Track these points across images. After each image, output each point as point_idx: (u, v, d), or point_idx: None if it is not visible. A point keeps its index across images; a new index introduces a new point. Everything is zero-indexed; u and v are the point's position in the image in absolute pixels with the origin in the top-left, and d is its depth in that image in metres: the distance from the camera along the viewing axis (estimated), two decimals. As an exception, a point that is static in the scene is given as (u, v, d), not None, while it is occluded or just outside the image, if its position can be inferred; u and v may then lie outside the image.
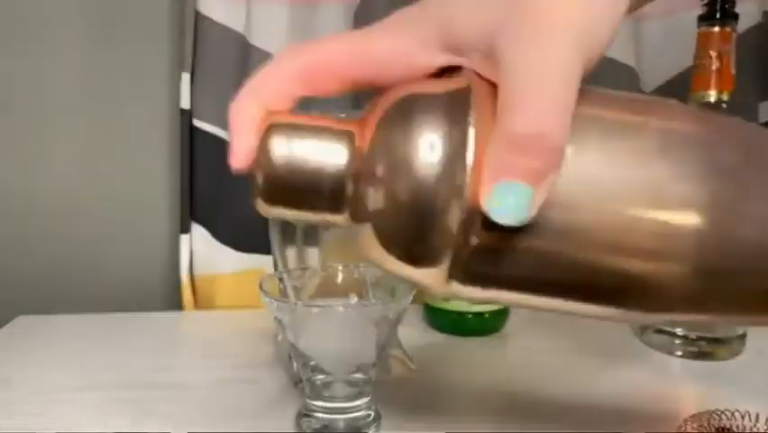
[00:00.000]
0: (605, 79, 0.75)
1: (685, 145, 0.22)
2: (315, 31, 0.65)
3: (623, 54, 0.65)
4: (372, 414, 0.39)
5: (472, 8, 0.22)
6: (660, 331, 0.53)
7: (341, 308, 0.40)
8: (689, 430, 0.38)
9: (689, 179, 0.21)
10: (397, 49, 0.23)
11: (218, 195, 0.65)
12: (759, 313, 0.23)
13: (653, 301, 0.22)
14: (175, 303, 0.69)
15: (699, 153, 0.22)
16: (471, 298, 0.24)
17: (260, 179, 0.23)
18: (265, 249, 0.52)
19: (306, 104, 0.65)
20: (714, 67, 0.50)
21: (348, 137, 0.23)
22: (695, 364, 0.50)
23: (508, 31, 0.21)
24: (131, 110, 0.69)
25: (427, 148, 0.21)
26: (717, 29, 0.49)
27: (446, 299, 0.57)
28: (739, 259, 0.22)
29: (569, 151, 0.21)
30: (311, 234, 0.46)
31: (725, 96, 0.50)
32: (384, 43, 0.23)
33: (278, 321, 0.37)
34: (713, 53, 0.49)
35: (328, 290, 0.43)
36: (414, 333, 0.57)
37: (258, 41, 0.62)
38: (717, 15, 0.49)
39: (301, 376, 0.39)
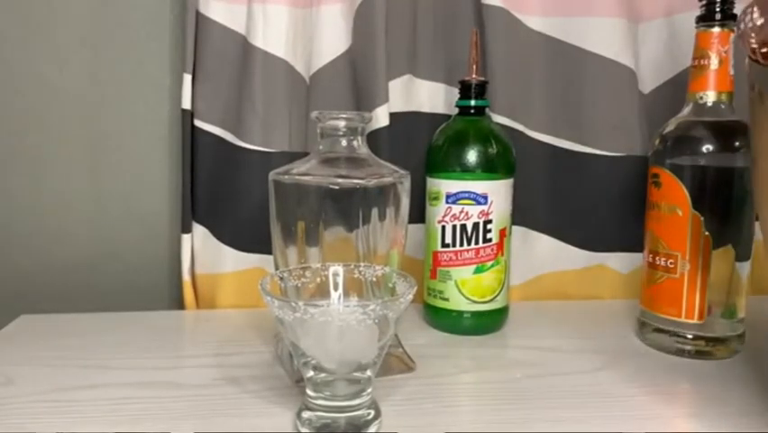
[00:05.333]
0: (604, 80, 0.76)
1: None
2: (316, 31, 0.65)
3: (622, 55, 0.65)
4: (372, 412, 0.39)
5: None
6: (659, 330, 0.53)
7: (341, 308, 0.40)
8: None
9: None
10: None
11: (219, 195, 0.66)
12: None
13: None
14: (176, 303, 0.69)
15: None
16: None
17: None
18: (266, 248, 0.52)
19: (307, 105, 0.65)
20: (713, 67, 0.50)
21: None
22: (694, 363, 0.51)
23: None
24: (132, 111, 0.69)
25: None
26: (715, 30, 0.49)
27: (445, 298, 0.57)
28: None
29: None
30: (311, 234, 0.46)
31: (723, 97, 0.51)
32: None
33: (279, 320, 0.37)
34: (712, 54, 0.50)
35: (328, 289, 0.43)
36: (414, 332, 0.57)
37: (258, 41, 0.63)
38: (716, 16, 0.50)
39: (302, 375, 0.39)
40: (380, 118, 0.63)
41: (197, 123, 0.65)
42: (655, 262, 0.53)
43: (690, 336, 0.52)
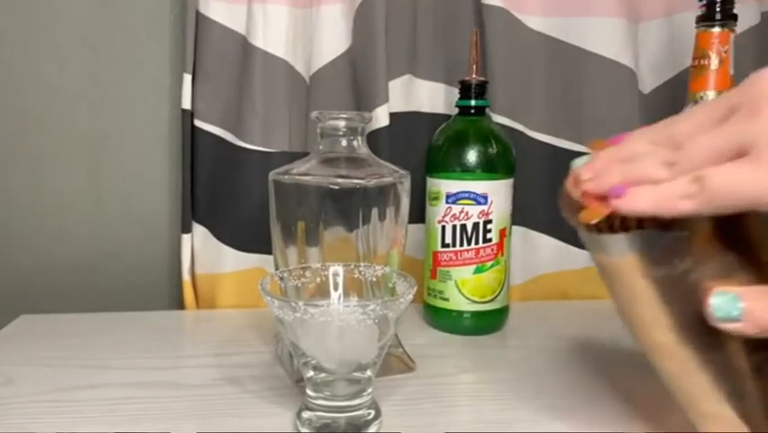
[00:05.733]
0: (604, 80, 0.75)
1: None
2: (316, 31, 0.65)
3: (622, 55, 0.65)
4: (372, 412, 0.39)
5: None
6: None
7: (341, 308, 0.40)
8: None
9: None
10: None
11: (219, 195, 0.66)
12: None
13: None
14: (176, 303, 0.69)
15: None
16: None
17: None
18: (266, 248, 0.52)
19: (307, 105, 0.64)
20: (713, 67, 0.50)
21: None
22: (694, 364, 0.51)
23: None
24: (132, 110, 0.69)
25: None
26: (716, 30, 0.49)
27: (444, 298, 0.57)
28: None
29: None
30: (311, 234, 0.46)
31: (723, 97, 0.50)
32: None
33: (279, 320, 0.37)
34: (712, 54, 0.50)
35: (328, 289, 0.43)
36: (414, 332, 0.57)
37: (258, 41, 0.63)
38: (716, 16, 0.49)
39: (302, 375, 0.39)
40: (380, 118, 0.63)
41: (197, 123, 0.65)
42: (655, 262, 0.53)
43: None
